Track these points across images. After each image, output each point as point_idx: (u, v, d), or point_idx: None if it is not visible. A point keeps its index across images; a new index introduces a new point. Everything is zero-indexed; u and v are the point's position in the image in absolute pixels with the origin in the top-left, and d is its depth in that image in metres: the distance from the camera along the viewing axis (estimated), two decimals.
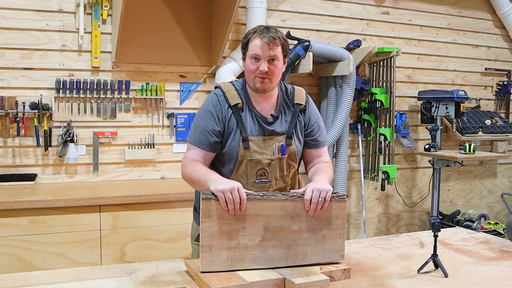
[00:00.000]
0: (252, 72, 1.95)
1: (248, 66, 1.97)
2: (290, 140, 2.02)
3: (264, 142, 1.99)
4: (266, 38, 1.92)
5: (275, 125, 2.02)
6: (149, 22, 3.63)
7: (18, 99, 3.37)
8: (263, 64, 1.93)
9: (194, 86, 3.91)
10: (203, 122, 1.99)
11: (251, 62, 1.95)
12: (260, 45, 1.92)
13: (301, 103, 2.07)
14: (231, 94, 2.00)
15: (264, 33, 1.93)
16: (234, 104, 1.98)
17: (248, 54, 1.96)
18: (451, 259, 2.02)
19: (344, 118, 4.06)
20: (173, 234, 3.24)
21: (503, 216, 5.35)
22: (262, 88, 1.96)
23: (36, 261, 2.95)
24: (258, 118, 2.00)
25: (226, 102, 1.99)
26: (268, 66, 1.93)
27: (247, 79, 2.01)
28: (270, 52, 1.92)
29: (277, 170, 2.00)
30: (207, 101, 2.04)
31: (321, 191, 1.80)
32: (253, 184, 1.99)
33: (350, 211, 4.61)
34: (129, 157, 3.71)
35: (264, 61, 1.93)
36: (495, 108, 5.28)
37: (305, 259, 1.80)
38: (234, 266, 1.71)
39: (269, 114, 2.02)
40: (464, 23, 5.00)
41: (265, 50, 1.92)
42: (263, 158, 1.97)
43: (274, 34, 1.94)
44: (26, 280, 1.69)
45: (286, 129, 2.03)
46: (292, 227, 1.80)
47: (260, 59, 1.93)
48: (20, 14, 3.40)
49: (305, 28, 4.24)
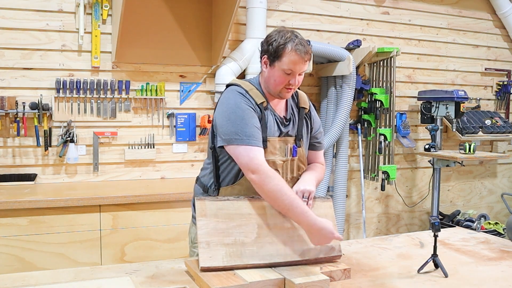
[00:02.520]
0: (281, 84, 1.91)
1: (279, 78, 1.90)
2: (300, 142, 2.03)
3: (279, 143, 1.98)
4: (302, 54, 1.87)
5: (289, 126, 2.02)
6: (149, 22, 3.63)
7: (18, 99, 3.37)
8: (295, 78, 1.90)
9: (194, 86, 3.91)
10: (247, 118, 1.86)
11: (282, 75, 1.89)
12: (298, 60, 1.86)
13: (305, 107, 2.09)
14: (254, 92, 1.95)
15: (299, 45, 1.87)
16: (261, 103, 1.93)
17: (281, 66, 1.88)
18: (451, 259, 2.02)
19: (344, 118, 4.06)
20: (173, 234, 3.24)
21: (503, 216, 5.35)
22: (286, 98, 1.97)
23: (36, 261, 2.95)
24: (276, 119, 1.98)
25: (253, 100, 1.92)
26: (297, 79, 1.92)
27: (273, 88, 1.94)
28: (303, 67, 1.90)
29: (288, 171, 2.02)
30: (236, 99, 1.91)
31: (304, 192, 1.90)
32: None
33: (350, 211, 4.61)
34: (129, 157, 3.71)
35: (297, 75, 1.91)
36: (495, 108, 5.28)
37: (303, 254, 1.82)
38: (233, 261, 1.72)
39: (283, 116, 2.02)
40: (464, 23, 5.00)
41: (300, 65, 1.89)
42: (277, 158, 1.96)
43: (307, 48, 1.89)
44: (26, 280, 1.69)
45: (296, 132, 2.04)
46: (284, 224, 1.86)
47: (294, 74, 1.90)
48: (20, 14, 3.40)
49: (305, 28, 4.24)
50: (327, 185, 4.16)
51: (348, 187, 4.53)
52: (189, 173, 3.92)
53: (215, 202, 1.83)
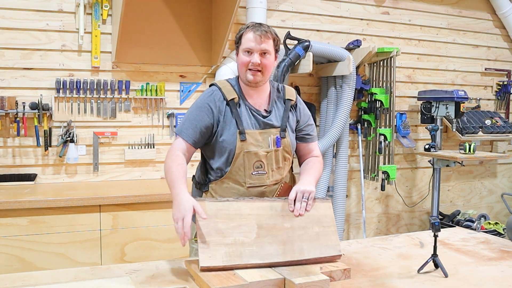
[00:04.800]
0: (244, 65, 2.02)
1: (241, 59, 2.04)
2: (284, 133, 2.08)
3: (260, 135, 2.04)
4: (258, 32, 2.00)
5: (270, 118, 2.08)
6: (149, 22, 3.63)
7: (18, 99, 3.37)
8: (256, 56, 2.00)
9: (194, 86, 3.91)
10: (193, 115, 2.03)
11: (244, 55, 2.02)
12: (253, 38, 2.00)
13: (291, 99, 2.14)
14: (227, 89, 2.06)
15: (256, 27, 2.02)
16: (231, 99, 2.04)
17: (241, 48, 2.03)
18: (451, 259, 2.02)
19: (344, 118, 4.05)
20: (173, 234, 3.18)
21: (503, 216, 5.35)
22: (254, 81, 2.02)
23: (36, 261, 2.95)
24: (253, 112, 2.06)
25: (223, 97, 2.04)
26: (260, 59, 2.00)
27: (240, 73, 2.07)
28: (262, 45, 2.00)
29: (273, 162, 2.06)
30: (202, 96, 2.09)
31: (304, 192, 1.92)
32: (251, 176, 2.03)
33: (350, 211, 4.61)
34: (129, 157, 3.71)
35: (257, 54, 2.00)
36: (495, 108, 5.28)
37: (303, 254, 1.82)
38: (233, 261, 1.72)
39: (262, 109, 2.09)
40: (464, 23, 5.00)
41: (257, 43, 1.99)
42: (259, 150, 2.03)
43: (266, 29, 2.02)
44: (26, 280, 1.69)
45: (280, 123, 2.09)
46: (284, 224, 1.87)
47: (252, 52, 2.00)
48: (20, 14, 3.40)
49: (305, 28, 4.24)
50: (327, 185, 4.16)
51: (348, 187, 4.53)
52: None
53: (214, 203, 1.84)
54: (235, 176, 2.02)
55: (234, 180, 2.03)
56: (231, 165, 2.02)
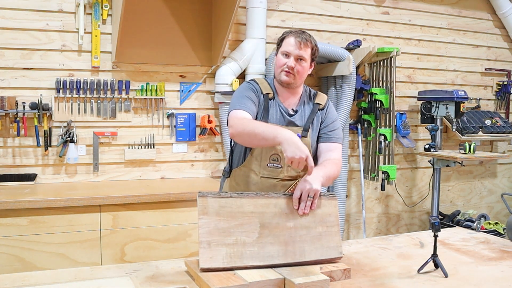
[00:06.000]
0: (280, 66, 2.14)
1: (278, 60, 2.16)
2: (306, 132, 2.16)
3: None
4: (299, 38, 2.11)
5: (295, 117, 2.18)
6: (149, 22, 3.63)
7: (18, 99, 3.37)
8: (292, 60, 2.11)
9: (194, 86, 3.91)
10: (243, 94, 2.14)
11: (281, 57, 2.15)
12: (293, 43, 2.11)
13: (320, 103, 2.25)
14: (263, 85, 2.21)
15: (298, 34, 2.14)
16: (266, 93, 2.18)
17: (281, 50, 2.15)
18: (451, 259, 2.02)
19: (344, 118, 4.06)
20: (173, 234, 3.24)
21: (503, 216, 5.35)
22: (286, 82, 2.14)
23: (36, 261, 2.95)
24: (281, 109, 2.18)
25: (260, 90, 2.19)
26: (295, 64, 2.12)
27: (275, 72, 2.19)
28: (300, 51, 2.11)
29: None
30: (244, 84, 2.23)
31: (310, 191, 1.89)
32: (266, 167, 2.14)
33: (350, 211, 4.61)
34: (129, 157, 3.71)
35: (293, 58, 2.11)
36: (495, 108, 5.28)
37: (304, 256, 1.81)
38: (233, 262, 1.72)
39: (290, 108, 2.21)
40: (464, 23, 5.00)
41: (296, 48, 2.11)
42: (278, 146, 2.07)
43: (307, 37, 2.14)
44: (26, 280, 1.69)
45: (304, 123, 2.18)
46: (287, 224, 1.85)
47: (290, 55, 2.12)
48: (20, 14, 3.40)
49: (305, 28, 4.22)
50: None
51: (348, 187, 4.53)
52: (189, 173, 3.92)
53: (217, 199, 1.79)
54: (251, 165, 2.15)
55: (250, 169, 2.16)
56: (249, 154, 2.16)
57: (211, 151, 4.00)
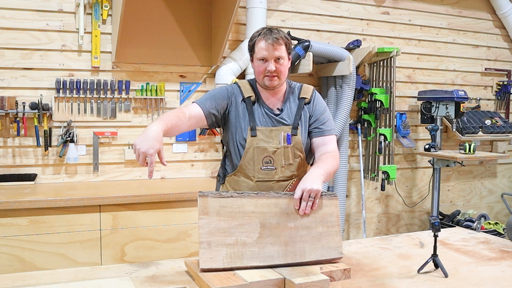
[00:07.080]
0: (261, 72, 2.11)
1: (257, 68, 2.12)
2: (296, 130, 2.15)
3: (271, 132, 2.13)
4: (270, 40, 2.06)
5: (282, 116, 2.16)
6: (149, 22, 3.63)
7: (18, 99, 3.37)
8: (271, 64, 2.07)
9: (194, 86, 3.91)
10: (212, 93, 2.17)
11: (259, 64, 2.10)
12: (265, 47, 2.06)
13: (306, 97, 2.21)
14: (245, 88, 2.19)
15: (267, 35, 2.07)
16: (247, 97, 2.16)
17: (256, 56, 2.11)
18: (451, 259, 2.02)
19: (344, 118, 4.06)
20: (173, 234, 3.24)
21: (503, 216, 5.35)
22: (271, 86, 2.12)
23: (36, 261, 2.95)
24: (266, 111, 2.16)
25: (240, 94, 2.17)
26: (275, 65, 2.08)
27: (257, 79, 2.16)
28: (275, 52, 2.06)
29: (282, 158, 2.13)
30: (223, 87, 2.23)
31: (311, 192, 1.87)
32: (259, 170, 2.13)
33: (350, 211, 4.61)
34: (129, 157, 3.71)
35: (271, 61, 2.07)
36: (495, 108, 5.28)
37: (304, 256, 1.81)
38: (233, 263, 1.72)
39: (275, 108, 2.18)
40: (464, 23, 5.00)
41: (271, 51, 2.06)
42: (269, 146, 2.11)
43: (277, 35, 2.08)
44: (26, 280, 1.69)
45: (292, 121, 2.15)
46: (288, 224, 1.84)
47: (267, 60, 2.08)
48: (20, 14, 3.40)
49: (305, 28, 4.24)
50: (327, 185, 4.16)
51: (348, 187, 4.53)
52: (189, 173, 3.92)
53: (218, 199, 1.79)
54: (245, 170, 2.14)
55: (244, 173, 2.15)
56: (241, 159, 2.14)
57: (211, 151, 4.00)
